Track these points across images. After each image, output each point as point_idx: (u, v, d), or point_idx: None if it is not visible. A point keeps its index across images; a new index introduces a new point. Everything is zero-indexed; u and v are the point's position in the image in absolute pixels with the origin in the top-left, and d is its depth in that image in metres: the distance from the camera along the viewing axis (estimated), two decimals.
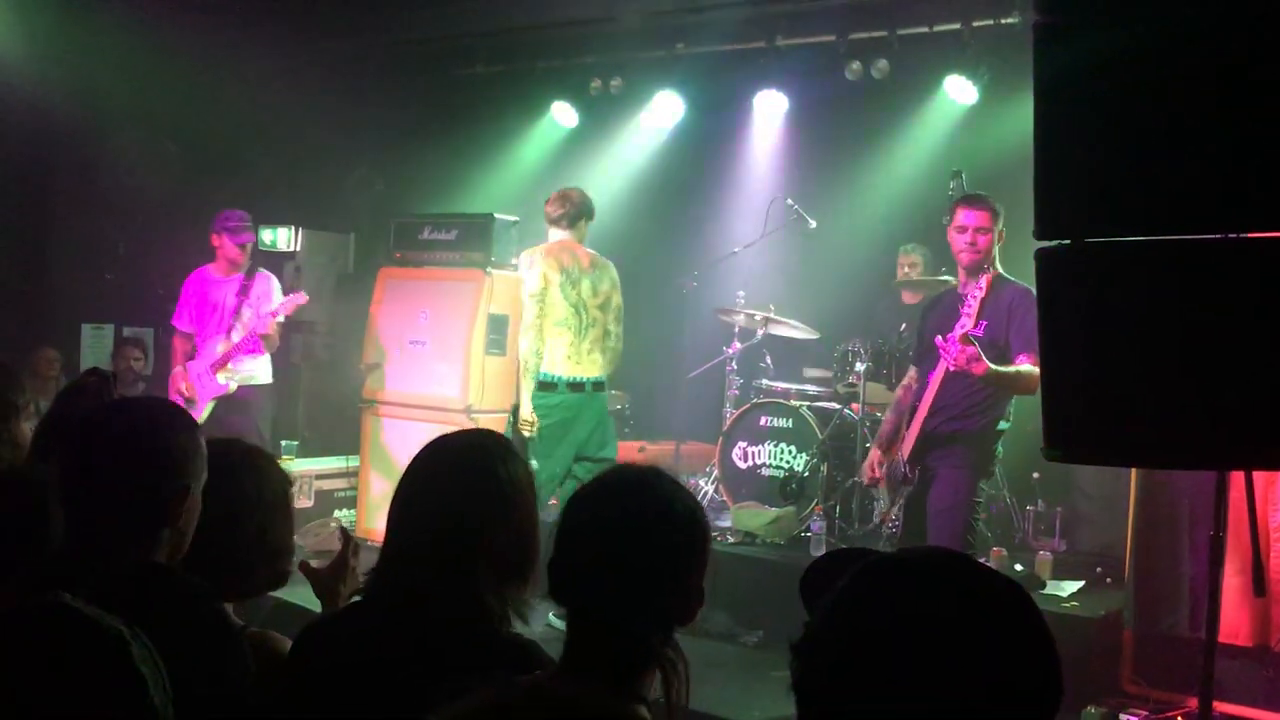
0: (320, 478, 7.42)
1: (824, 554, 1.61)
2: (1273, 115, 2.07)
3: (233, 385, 6.42)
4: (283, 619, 2.65)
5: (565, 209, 5.70)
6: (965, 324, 4.28)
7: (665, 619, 1.68)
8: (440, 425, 4.60)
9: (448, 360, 6.92)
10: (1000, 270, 4.57)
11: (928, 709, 1.02)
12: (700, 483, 6.95)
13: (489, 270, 6.82)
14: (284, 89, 7.79)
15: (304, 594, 2.57)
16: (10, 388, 2.72)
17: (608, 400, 5.95)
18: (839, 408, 6.34)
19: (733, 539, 6.12)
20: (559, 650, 1.71)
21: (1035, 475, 6.23)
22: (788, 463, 6.53)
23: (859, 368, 6.07)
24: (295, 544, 2.40)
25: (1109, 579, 5.48)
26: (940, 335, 4.33)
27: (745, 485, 6.66)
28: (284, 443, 7.18)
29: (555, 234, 5.75)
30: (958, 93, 6.73)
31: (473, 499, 1.99)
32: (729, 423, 6.84)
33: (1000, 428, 4.66)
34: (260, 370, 6.58)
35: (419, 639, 1.91)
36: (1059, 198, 2.32)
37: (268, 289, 6.61)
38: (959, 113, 6.89)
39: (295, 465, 7.30)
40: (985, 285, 4.37)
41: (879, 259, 7.20)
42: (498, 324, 6.74)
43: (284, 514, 2.27)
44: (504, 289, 6.66)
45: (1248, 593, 3.93)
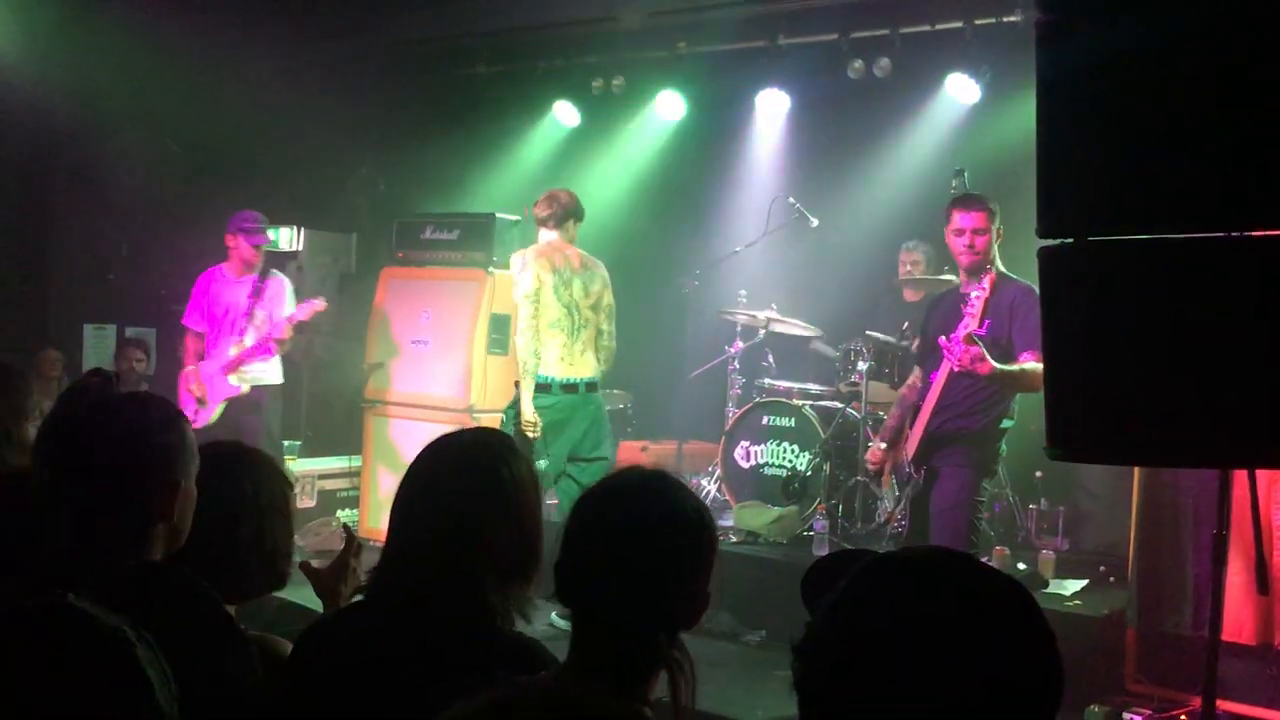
0: (322, 477, 7.44)
1: (826, 554, 1.62)
2: (1273, 115, 2.08)
3: (245, 387, 6.42)
4: (287, 619, 2.65)
5: (553, 210, 5.71)
6: (969, 324, 4.27)
7: (670, 621, 1.69)
8: (443, 425, 4.61)
9: (450, 360, 6.92)
10: (1002, 269, 4.56)
11: (928, 709, 1.02)
12: (703, 482, 6.94)
13: (491, 270, 6.83)
14: (285, 89, 7.78)
15: (307, 594, 2.57)
16: (18, 390, 2.72)
17: (604, 400, 5.94)
18: (841, 407, 6.34)
19: (735, 538, 6.12)
20: (561, 649, 1.71)
21: (1038, 474, 6.22)
22: (790, 462, 6.52)
23: (861, 367, 6.06)
24: (296, 544, 2.40)
25: (1112, 578, 5.48)
26: (943, 335, 4.31)
27: (748, 484, 6.65)
28: (286, 443, 7.18)
29: (545, 235, 5.76)
30: (960, 91, 6.72)
31: (474, 498, 1.99)
32: (731, 422, 6.83)
33: (1003, 426, 4.65)
34: (271, 371, 6.57)
35: (420, 639, 1.91)
36: (1061, 196, 2.33)
37: (281, 292, 6.61)
38: (961, 111, 6.88)
39: (297, 465, 7.32)
40: (989, 285, 4.36)
41: (881, 257, 7.19)
42: (500, 323, 6.74)
43: (283, 517, 2.27)
44: (506, 289, 6.62)
45: (1251, 591, 3.93)
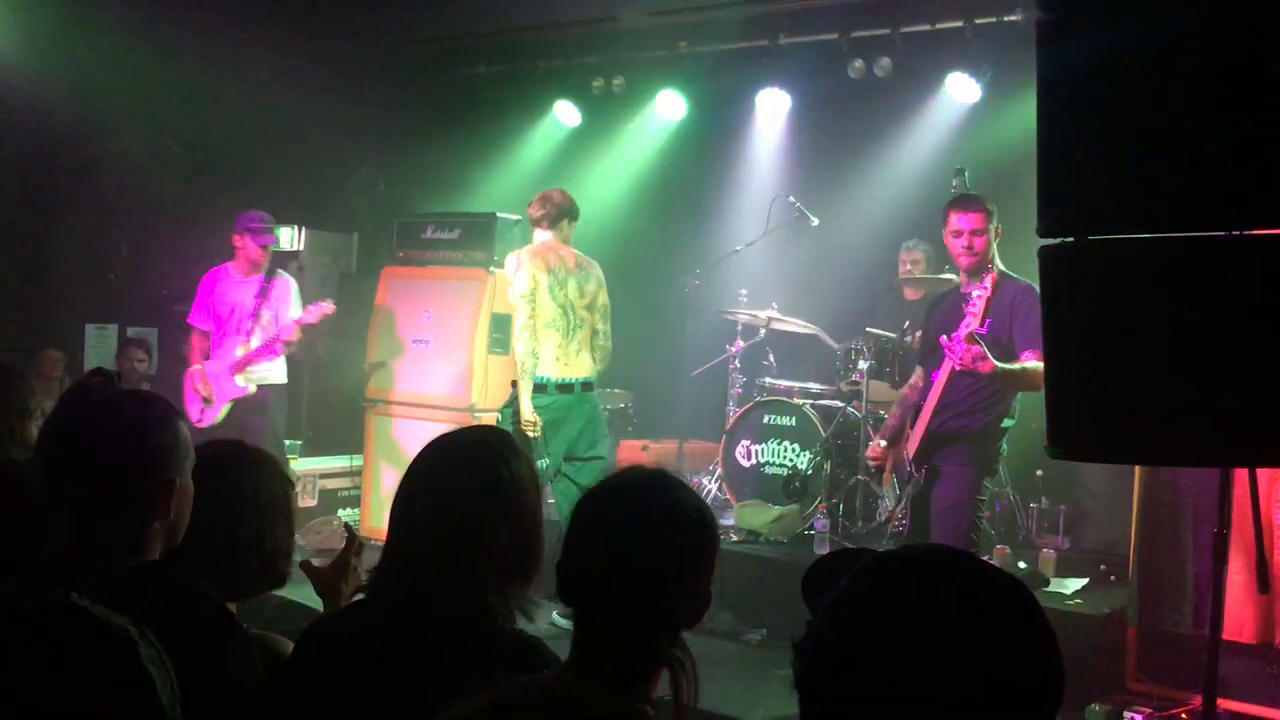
0: (324, 477, 7.44)
1: (827, 553, 1.62)
2: (1273, 115, 2.08)
3: (252, 387, 6.42)
4: (287, 618, 2.65)
5: (547, 210, 5.71)
6: (970, 323, 4.27)
7: (672, 620, 1.69)
8: (444, 424, 4.61)
9: (451, 359, 6.93)
10: (1002, 268, 4.56)
11: (929, 707, 1.02)
12: (703, 481, 6.94)
13: (492, 269, 6.83)
14: (285, 89, 7.79)
15: (307, 593, 2.57)
16: (20, 390, 2.72)
17: (600, 400, 5.95)
18: (842, 405, 6.34)
19: (736, 537, 6.12)
20: (564, 648, 1.71)
21: (1039, 473, 6.22)
22: (791, 461, 6.52)
23: (862, 365, 6.06)
24: (297, 543, 2.40)
25: (1113, 576, 5.48)
26: (945, 334, 4.31)
27: (748, 483, 6.65)
28: (288, 442, 7.18)
29: (539, 235, 5.76)
30: (960, 91, 6.72)
31: (475, 497, 1.99)
32: (732, 421, 6.83)
33: (1004, 425, 4.65)
34: (276, 371, 6.58)
35: (421, 638, 1.91)
36: (1061, 195, 2.33)
37: (287, 292, 6.61)
38: (961, 110, 6.87)
39: (299, 464, 7.33)
40: (990, 285, 4.35)
41: (881, 256, 7.18)
42: (501, 323, 6.74)
43: (283, 516, 2.27)
44: (507, 288, 6.66)
45: (1252, 590, 3.93)
